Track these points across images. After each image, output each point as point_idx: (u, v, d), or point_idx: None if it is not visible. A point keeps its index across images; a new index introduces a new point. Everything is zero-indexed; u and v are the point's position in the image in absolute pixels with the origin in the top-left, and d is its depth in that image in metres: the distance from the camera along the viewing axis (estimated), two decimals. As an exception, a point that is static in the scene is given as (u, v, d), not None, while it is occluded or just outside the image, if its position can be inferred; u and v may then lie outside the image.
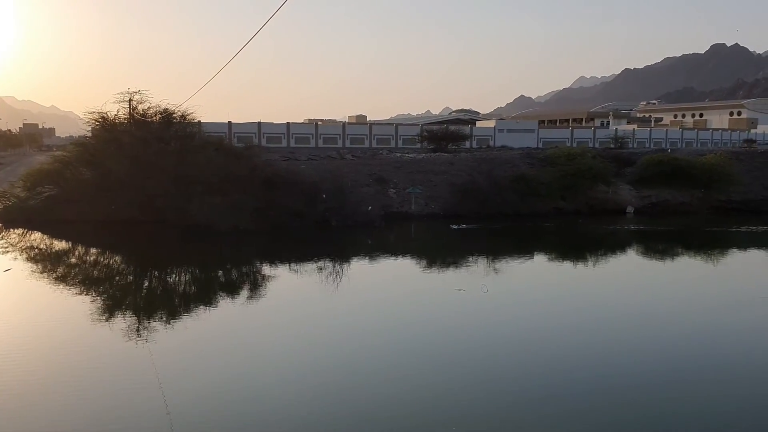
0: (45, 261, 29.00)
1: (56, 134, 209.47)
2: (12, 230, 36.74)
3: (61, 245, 33.65)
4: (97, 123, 43.14)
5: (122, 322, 19.23)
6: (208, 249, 33.03)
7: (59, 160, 43.86)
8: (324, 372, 14.94)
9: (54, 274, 26.16)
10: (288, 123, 77.27)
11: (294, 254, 31.78)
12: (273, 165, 42.78)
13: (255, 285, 24.97)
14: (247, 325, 19.56)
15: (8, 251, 30.42)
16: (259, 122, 74.93)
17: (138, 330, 18.41)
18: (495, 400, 13.53)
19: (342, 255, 31.31)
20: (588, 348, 17.25)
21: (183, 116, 43.83)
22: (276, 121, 77.89)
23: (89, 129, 44.85)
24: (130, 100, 42.57)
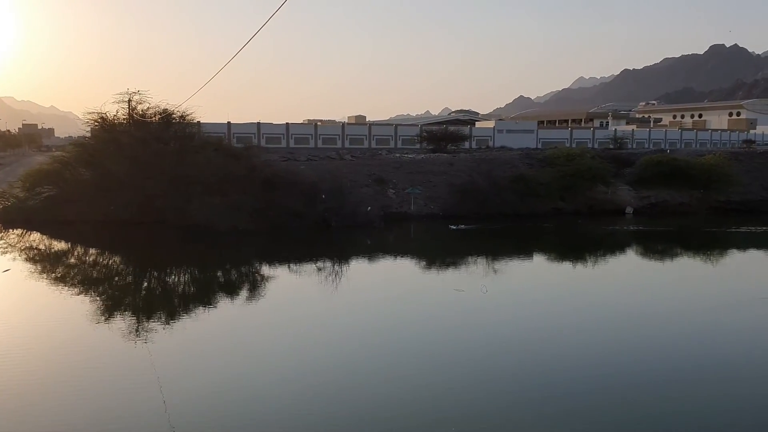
0: (44, 261, 29.01)
1: (55, 134, 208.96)
2: (11, 230, 36.71)
3: (61, 246, 33.64)
4: (97, 123, 43.22)
5: (121, 323, 19.24)
6: (208, 249, 33.03)
7: (58, 161, 43.90)
8: (323, 372, 14.95)
9: (53, 275, 26.17)
10: (287, 123, 77.19)
11: (293, 254, 31.78)
12: (272, 165, 42.79)
13: (254, 285, 24.99)
14: (247, 325, 19.57)
15: (7, 252, 30.41)
16: (259, 123, 74.85)
17: (137, 330, 18.42)
18: (495, 400, 13.54)
19: (341, 255, 31.32)
20: (587, 348, 17.27)
21: (182, 116, 43.90)
22: (275, 122, 77.84)
23: (88, 129, 44.92)
24: (130, 101, 42.65)
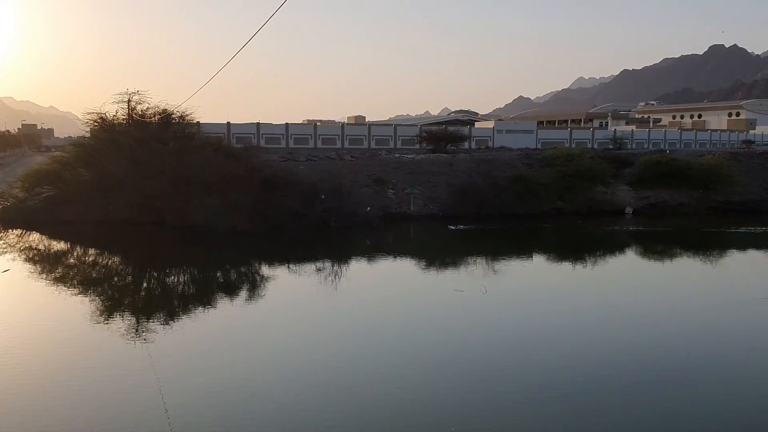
0: (43, 262, 29.00)
1: (55, 135, 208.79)
2: (10, 231, 36.70)
3: (60, 246, 33.62)
4: (96, 123, 43.20)
5: (121, 323, 19.24)
6: (207, 250, 33.02)
7: (58, 161, 43.90)
8: (323, 372, 14.95)
9: (52, 275, 26.16)
10: (287, 123, 77.09)
11: (292, 255, 31.77)
12: (272, 165, 42.79)
13: (253, 285, 24.98)
14: (246, 326, 19.55)
15: (7, 252, 30.41)
16: (258, 123, 74.74)
17: (136, 330, 18.42)
18: (494, 400, 13.54)
19: (341, 255, 31.31)
20: (587, 348, 17.27)
21: (182, 117, 43.88)
22: (275, 122, 77.74)
23: (88, 129, 44.93)
24: (129, 101, 42.62)
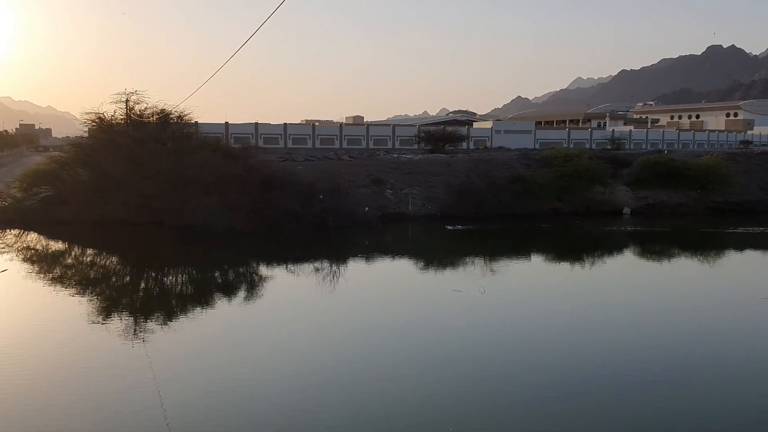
0: (41, 262, 28.94)
1: (53, 135, 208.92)
2: (8, 231, 36.64)
3: (58, 246, 33.58)
4: (94, 123, 43.15)
5: (118, 323, 19.22)
6: (205, 250, 33.00)
7: (56, 161, 43.88)
8: (321, 372, 14.94)
9: (50, 275, 26.12)
10: (285, 124, 77.07)
11: (291, 255, 31.76)
12: (270, 166, 42.75)
13: (251, 285, 24.96)
14: (244, 326, 19.55)
15: (4, 252, 30.35)
16: (256, 123, 74.69)
17: (134, 330, 18.41)
18: (492, 400, 13.54)
19: (339, 256, 31.32)
20: (585, 348, 17.28)
21: (180, 117, 43.86)
22: (273, 122, 77.76)
23: (86, 129, 44.83)
24: (127, 101, 42.58)
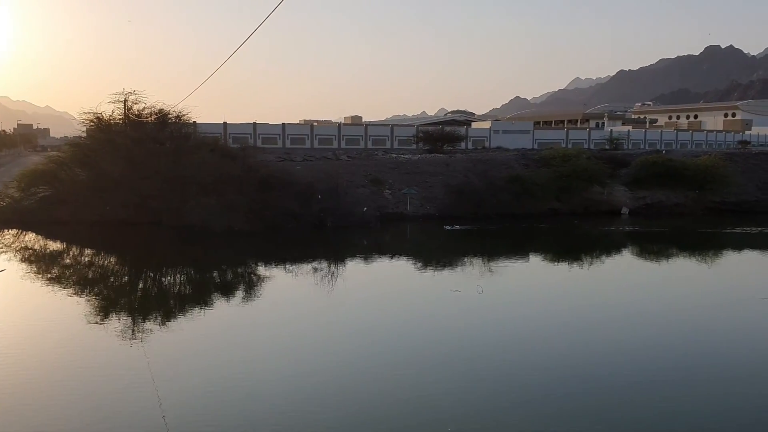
0: (39, 262, 28.91)
1: (51, 135, 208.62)
2: (6, 231, 36.59)
3: (56, 246, 33.55)
4: (92, 123, 43.11)
5: (117, 323, 19.21)
6: (203, 250, 32.98)
7: (54, 161, 43.83)
8: (319, 372, 14.94)
9: (48, 275, 26.10)
10: (283, 124, 77.09)
11: (289, 255, 31.75)
12: (268, 166, 42.76)
13: (250, 285, 24.94)
14: (242, 326, 19.54)
15: (2, 252, 30.30)
16: (255, 123, 74.68)
17: (133, 330, 18.40)
18: (491, 400, 13.54)
19: (337, 256, 31.32)
20: (584, 348, 17.29)
21: (178, 117, 43.84)
22: (271, 122, 77.78)
23: (84, 129, 44.80)
24: (125, 101, 42.53)
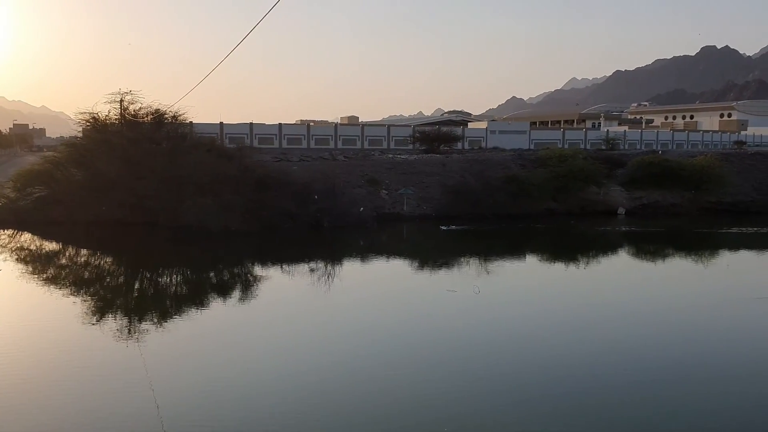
0: (35, 262, 28.86)
1: (47, 135, 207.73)
2: (2, 231, 36.50)
3: (52, 246, 33.48)
4: (88, 123, 43.02)
5: (113, 323, 19.18)
6: (200, 250, 32.95)
7: (50, 161, 43.70)
8: (316, 372, 14.94)
9: (44, 276, 26.06)
10: (280, 124, 76.97)
11: (286, 255, 31.74)
12: (265, 166, 42.70)
13: (246, 285, 24.94)
14: (239, 326, 19.52)
15: (-2, 252, 30.23)
16: (251, 123, 74.56)
17: (129, 330, 18.38)
18: (488, 400, 13.56)
19: (334, 256, 31.31)
20: (581, 347, 17.32)
21: (174, 117, 43.77)
22: (268, 122, 77.64)
23: (80, 129, 44.69)
24: (122, 101, 42.43)
